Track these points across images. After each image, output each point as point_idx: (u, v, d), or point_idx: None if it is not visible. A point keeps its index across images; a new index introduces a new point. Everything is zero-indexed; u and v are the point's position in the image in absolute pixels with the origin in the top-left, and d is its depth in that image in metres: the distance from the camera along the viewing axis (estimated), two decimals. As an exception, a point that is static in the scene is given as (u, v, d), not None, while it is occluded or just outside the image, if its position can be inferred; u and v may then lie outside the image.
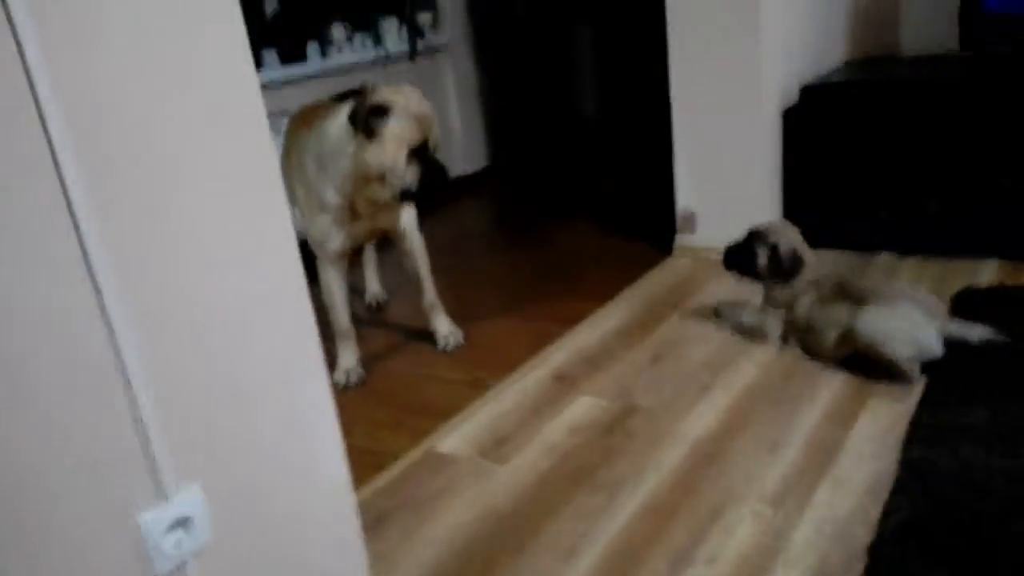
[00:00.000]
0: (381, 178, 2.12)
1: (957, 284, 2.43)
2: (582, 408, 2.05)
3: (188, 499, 1.02)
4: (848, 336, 2.00)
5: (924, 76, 2.77)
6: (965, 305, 2.22)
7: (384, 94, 2.10)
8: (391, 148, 2.08)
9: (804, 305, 2.14)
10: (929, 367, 1.93)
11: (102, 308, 0.91)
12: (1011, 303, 2.24)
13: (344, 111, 2.14)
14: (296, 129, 2.42)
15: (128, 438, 0.96)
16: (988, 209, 2.61)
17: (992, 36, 2.61)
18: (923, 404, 1.84)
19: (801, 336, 2.16)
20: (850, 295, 2.05)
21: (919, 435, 1.72)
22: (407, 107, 2.09)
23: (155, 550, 1.00)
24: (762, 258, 2.20)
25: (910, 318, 1.95)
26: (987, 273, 2.52)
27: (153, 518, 0.99)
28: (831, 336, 2.05)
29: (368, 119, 2.05)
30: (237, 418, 1.08)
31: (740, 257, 2.26)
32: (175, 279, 0.99)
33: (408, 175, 2.11)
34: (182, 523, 1.02)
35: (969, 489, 1.52)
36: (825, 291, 2.12)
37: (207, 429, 1.04)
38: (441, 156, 2.22)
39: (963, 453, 1.63)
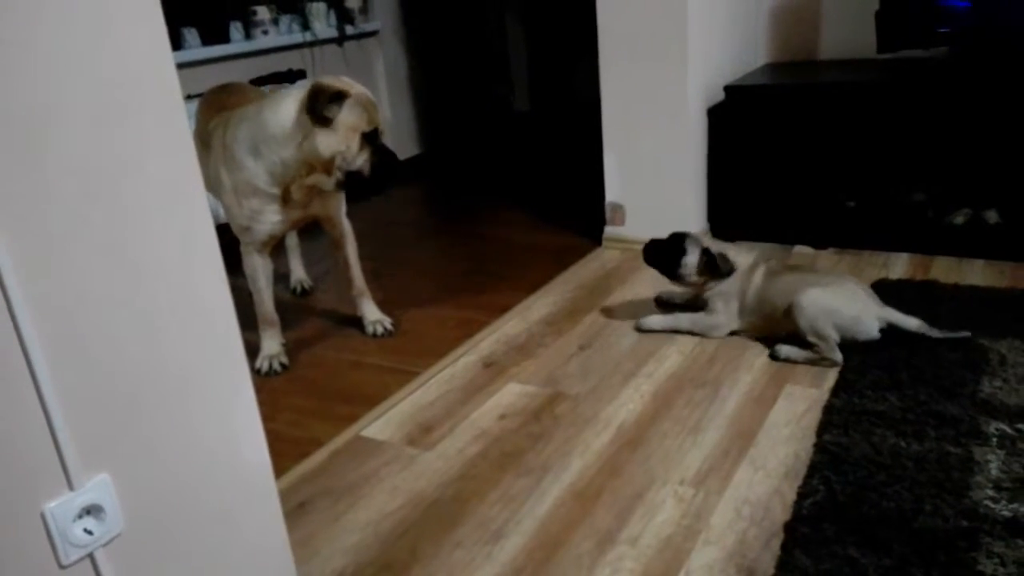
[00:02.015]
0: (328, 166, 2.10)
1: (870, 276, 2.53)
2: (510, 395, 2.05)
3: (97, 488, 0.98)
4: (791, 310, 2.05)
5: (840, 78, 2.87)
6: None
7: (334, 83, 2.07)
8: (344, 135, 2.07)
9: (755, 284, 2.16)
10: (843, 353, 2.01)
11: (3, 292, 0.86)
12: (920, 296, 2.34)
13: (287, 99, 2.10)
14: (213, 112, 2.35)
15: (33, 426, 0.91)
16: (900, 206, 2.73)
17: (908, 42, 2.72)
18: (837, 390, 1.90)
19: (752, 318, 2.19)
20: (798, 270, 2.15)
21: (833, 420, 1.78)
22: (360, 95, 2.09)
23: (62, 540, 0.96)
24: (692, 256, 2.19)
25: (855, 298, 2.04)
26: (899, 266, 2.63)
27: (60, 507, 0.95)
28: (782, 308, 2.08)
29: (321, 106, 2.03)
30: (150, 406, 1.04)
31: (665, 254, 2.26)
32: (83, 262, 0.94)
33: (359, 161, 2.11)
34: (91, 512, 0.98)
35: (880, 472, 1.58)
36: (772, 267, 2.18)
37: (117, 416, 1.00)
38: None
39: (875, 438, 1.69)
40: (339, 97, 2.05)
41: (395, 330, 2.51)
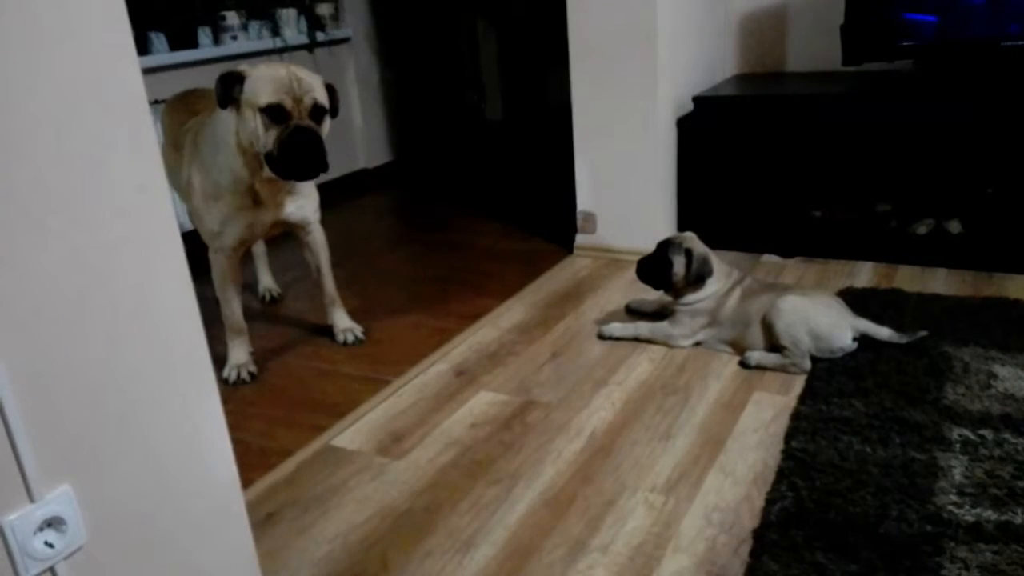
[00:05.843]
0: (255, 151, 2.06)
1: (836, 284, 2.56)
2: (482, 403, 2.05)
3: (58, 500, 0.96)
4: (766, 320, 2.09)
5: (806, 90, 2.92)
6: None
7: (240, 67, 2.04)
8: (248, 114, 2.02)
9: (730, 305, 2.19)
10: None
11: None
12: (885, 304, 2.38)
13: None
14: (185, 116, 2.33)
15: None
16: (865, 215, 2.78)
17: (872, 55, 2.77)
18: (804, 397, 1.93)
19: (728, 335, 2.20)
20: (774, 288, 2.18)
21: (801, 427, 1.80)
22: (260, 72, 2.01)
23: (21, 554, 0.93)
24: (678, 265, 2.20)
25: (830, 309, 2.08)
26: (864, 275, 2.67)
27: (19, 520, 0.92)
28: (759, 323, 2.11)
29: (224, 91, 2.00)
30: (113, 415, 1.02)
31: (654, 267, 2.25)
32: (43, 268, 0.92)
33: (267, 139, 2.02)
34: (52, 525, 0.96)
35: (847, 477, 1.60)
36: (748, 287, 2.20)
37: (80, 427, 0.98)
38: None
39: (841, 444, 1.71)
40: (238, 79, 2.00)
41: (366, 338, 2.49)
